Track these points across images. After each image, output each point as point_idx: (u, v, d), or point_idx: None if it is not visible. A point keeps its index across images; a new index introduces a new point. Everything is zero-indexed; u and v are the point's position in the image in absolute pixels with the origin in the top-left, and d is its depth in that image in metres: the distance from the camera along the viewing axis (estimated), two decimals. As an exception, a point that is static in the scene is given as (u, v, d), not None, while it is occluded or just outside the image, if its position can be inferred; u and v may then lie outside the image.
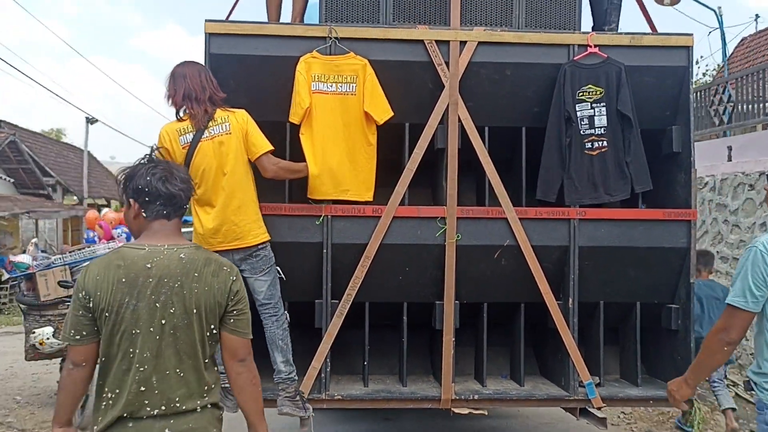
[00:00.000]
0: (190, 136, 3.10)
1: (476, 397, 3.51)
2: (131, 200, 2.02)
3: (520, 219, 3.49)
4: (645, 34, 3.66)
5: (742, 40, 17.05)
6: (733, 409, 4.85)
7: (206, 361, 1.98)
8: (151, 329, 1.90)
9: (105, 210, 14.33)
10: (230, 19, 3.83)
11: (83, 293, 1.91)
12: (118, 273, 1.90)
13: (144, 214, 2.01)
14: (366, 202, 3.48)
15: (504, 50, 3.54)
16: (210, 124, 3.11)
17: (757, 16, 13.86)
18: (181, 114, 3.15)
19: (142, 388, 1.89)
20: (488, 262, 3.52)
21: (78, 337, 1.94)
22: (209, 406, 1.99)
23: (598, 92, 3.53)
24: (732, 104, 9.04)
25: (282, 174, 3.33)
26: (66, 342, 1.96)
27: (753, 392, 2.27)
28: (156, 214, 2.01)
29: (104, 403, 1.93)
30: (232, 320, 2.00)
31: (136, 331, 1.89)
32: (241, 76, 3.48)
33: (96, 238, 9.64)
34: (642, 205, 3.69)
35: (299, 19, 3.95)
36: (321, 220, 3.40)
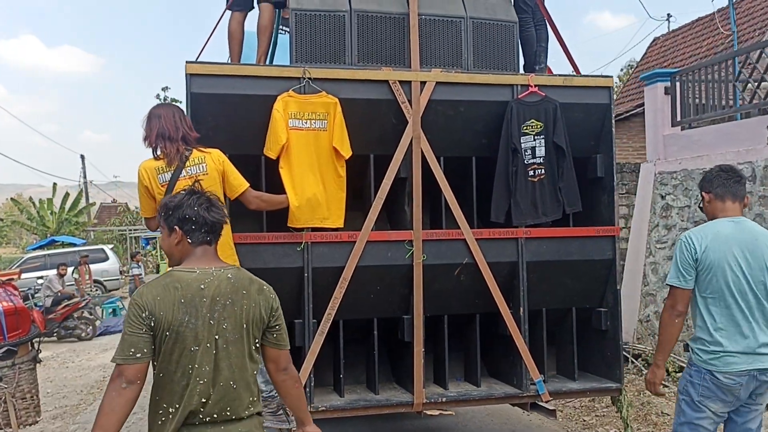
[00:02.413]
0: (168, 175, 3.54)
1: (444, 399, 4.29)
2: (176, 227, 2.37)
3: (476, 239, 4.31)
4: (574, 75, 4.62)
5: (654, 40, 18.14)
6: None
7: (255, 373, 2.37)
8: (208, 345, 2.24)
9: None
10: (197, 53, 4.39)
11: (146, 313, 2.21)
12: (176, 294, 2.24)
13: (189, 241, 2.37)
14: (338, 229, 4.16)
15: (458, 89, 4.35)
16: (187, 163, 3.57)
17: (669, 15, 15.57)
18: (158, 153, 3.61)
19: (203, 400, 2.23)
20: (449, 278, 4.31)
21: (139, 354, 2.21)
22: (255, 414, 2.37)
23: (539, 126, 4.42)
24: None
25: (263, 206, 3.93)
26: (125, 362, 2.21)
27: (688, 353, 3.17)
28: (201, 241, 2.38)
29: (163, 418, 2.25)
30: (274, 335, 2.43)
31: (195, 347, 2.23)
32: (220, 113, 4.03)
33: None
34: (570, 223, 4.63)
35: (263, 59, 4.54)
36: (302, 246, 4.04)
